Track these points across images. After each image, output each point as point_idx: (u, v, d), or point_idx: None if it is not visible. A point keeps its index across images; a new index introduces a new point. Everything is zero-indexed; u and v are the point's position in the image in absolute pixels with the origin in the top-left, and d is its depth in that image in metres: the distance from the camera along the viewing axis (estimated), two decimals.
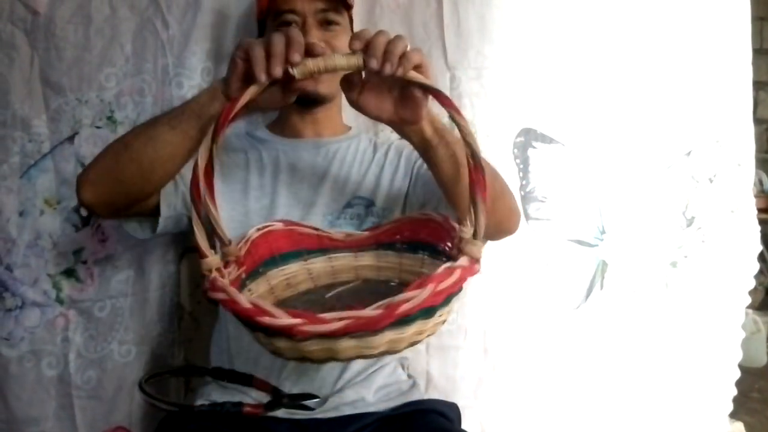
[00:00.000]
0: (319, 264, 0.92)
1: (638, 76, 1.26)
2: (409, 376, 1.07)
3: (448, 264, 0.62)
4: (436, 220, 0.86)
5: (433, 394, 1.16)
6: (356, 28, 1.15)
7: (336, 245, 0.93)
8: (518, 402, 1.26)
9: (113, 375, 1.18)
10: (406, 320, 0.60)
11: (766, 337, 2.84)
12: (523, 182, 1.25)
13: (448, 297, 0.62)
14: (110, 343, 1.18)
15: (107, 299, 1.17)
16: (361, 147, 1.09)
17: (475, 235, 0.66)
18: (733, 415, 1.37)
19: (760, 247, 1.32)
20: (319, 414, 0.92)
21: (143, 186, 0.89)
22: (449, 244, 0.83)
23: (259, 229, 0.86)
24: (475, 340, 1.24)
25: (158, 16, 1.17)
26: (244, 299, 0.60)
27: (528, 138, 1.25)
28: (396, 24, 1.23)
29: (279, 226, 0.90)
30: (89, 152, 1.15)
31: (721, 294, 1.29)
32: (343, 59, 0.68)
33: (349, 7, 1.06)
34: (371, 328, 0.59)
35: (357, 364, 0.96)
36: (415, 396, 0.99)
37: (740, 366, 1.33)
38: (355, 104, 0.78)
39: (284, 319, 0.58)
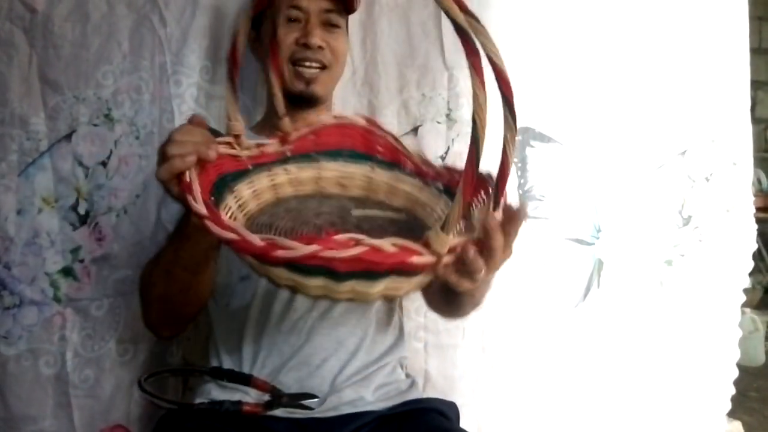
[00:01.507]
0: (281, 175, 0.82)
1: (636, 75, 1.27)
2: (408, 376, 1.07)
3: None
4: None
5: (432, 393, 1.16)
6: (354, 26, 1.16)
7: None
8: (516, 401, 1.26)
9: (111, 374, 1.17)
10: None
11: (764, 336, 2.85)
12: (521, 181, 1.25)
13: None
14: (108, 341, 1.18)
15: (104, 298, 1.17)
16: None
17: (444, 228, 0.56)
18: (732, 414, 1.37)
19: (755, 246, 1.32)
20: (317, 413, 0.91)
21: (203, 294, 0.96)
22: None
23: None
24: (474, 339, 1.24)
25: (156, 13, 1.16)
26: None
27: (526, 137, 1.25)
28: (394, 23, 1.23)
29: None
30: (86, 150, 1.16)
31: (717, 292, 1.29)
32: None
33: (351, 12, 1.07)
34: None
35: (356, 362, 0.96)
36: (414, 395, 0.99)
37: (738, 365, 1.33)
38: None
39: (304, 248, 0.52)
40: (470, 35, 0.53)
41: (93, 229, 1.17)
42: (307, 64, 1.01)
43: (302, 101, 1.03)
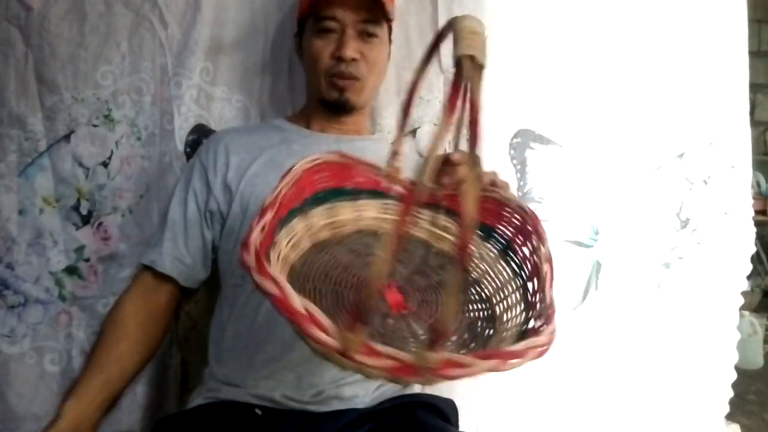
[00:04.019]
0: (371, 208, 0.84)
1: (634, 77, 1.27)
2: None
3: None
4: (511, 206, 0.78)
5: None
6: None
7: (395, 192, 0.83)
8: (515, 402, 1.26)
9: None
10: None
11: (762, 339, 2.85)
12: (521, 183, 1.26)
13: None
14: None
15: (111, 296, 1.15)
16: (383, 149, 1.09)
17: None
18: (730, 417, 1.37)
19: (754, 249, 1.32)
20: (314, 408, 0.92)
21: None
22: (509, 231, 0.78)
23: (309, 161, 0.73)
24: None
25: (156, 14, 1.16)
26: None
27: (525, 139, 1.26)
28: (393, 26, 1.23)
29: (333, 157, 0.79)
30: (86, 151, 1.15)
31: (715, 295, 1.29)
32: None
33: (389, 20, 1.07)
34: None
35: None
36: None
37: (737, 368, 1.33)
38: None
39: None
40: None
41: (97, 229, 1.17)
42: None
43: (338, 108, 1.05)
